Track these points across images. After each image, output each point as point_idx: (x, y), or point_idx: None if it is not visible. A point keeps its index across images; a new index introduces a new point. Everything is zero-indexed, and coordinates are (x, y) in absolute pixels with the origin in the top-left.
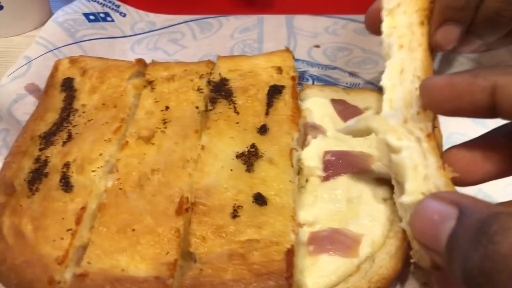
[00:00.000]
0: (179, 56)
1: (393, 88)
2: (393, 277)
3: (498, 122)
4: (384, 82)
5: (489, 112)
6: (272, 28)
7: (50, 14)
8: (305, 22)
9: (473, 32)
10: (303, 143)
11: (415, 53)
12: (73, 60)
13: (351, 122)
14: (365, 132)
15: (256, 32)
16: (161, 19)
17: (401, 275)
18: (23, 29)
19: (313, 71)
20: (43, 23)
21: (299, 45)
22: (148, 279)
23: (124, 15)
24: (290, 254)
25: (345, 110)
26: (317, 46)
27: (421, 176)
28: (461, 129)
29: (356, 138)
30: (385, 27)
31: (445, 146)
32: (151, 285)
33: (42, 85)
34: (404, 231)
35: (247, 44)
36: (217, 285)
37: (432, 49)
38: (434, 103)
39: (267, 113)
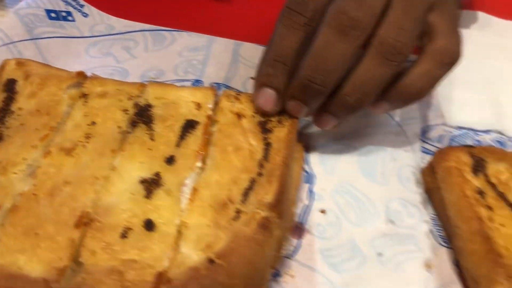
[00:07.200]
0: (126, 64)
1: None
2: None
3: None
4: None
5: None
6: (219, 53)
7: None
8: (251, 51)
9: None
10: None
11: None
12: (19, 63)
13: None
14: None
15: (203, 53)
16: (121, 24)
17: None
18: None
19: None
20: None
21: (238, 74)
22: (37, 280)
23: (86, 16)
24: (159, 277)
25: None
26: (253, 78)
27: None
28: None
29: None
30: None
31: None
32: (39, 285)
33: None
34: None
35: (191, 64)
36: None
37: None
38: None
39: (178, 145)
